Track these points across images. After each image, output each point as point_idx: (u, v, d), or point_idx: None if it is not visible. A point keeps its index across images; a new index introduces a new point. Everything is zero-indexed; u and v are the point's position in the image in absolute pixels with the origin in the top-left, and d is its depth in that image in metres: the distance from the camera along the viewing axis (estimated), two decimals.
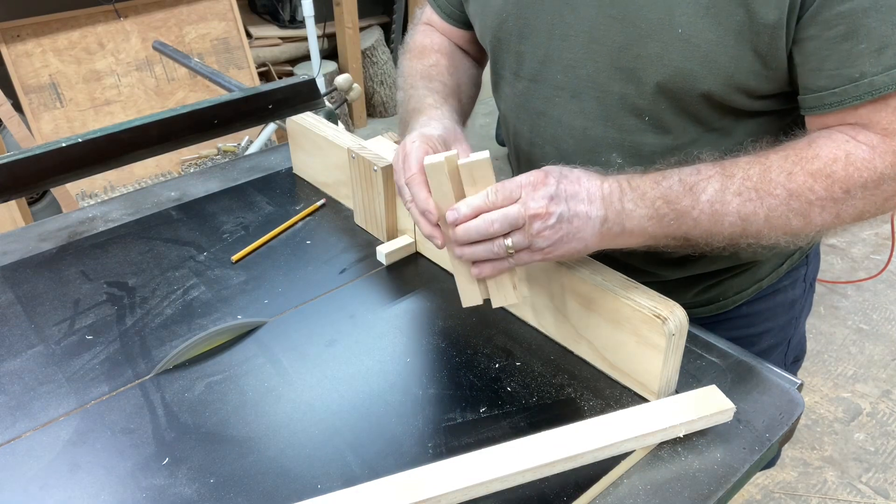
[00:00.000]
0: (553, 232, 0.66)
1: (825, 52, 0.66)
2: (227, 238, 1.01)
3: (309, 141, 1.10)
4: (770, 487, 1.87)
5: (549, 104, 0.83)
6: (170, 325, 0.85)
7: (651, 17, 0.70)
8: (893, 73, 0.64)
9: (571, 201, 0.66)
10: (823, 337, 2.36)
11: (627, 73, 0.75)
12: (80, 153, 1.00)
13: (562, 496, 0.63)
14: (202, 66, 1.91)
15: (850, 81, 0.66)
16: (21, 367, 0.79)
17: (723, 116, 0.76)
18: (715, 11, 0.67)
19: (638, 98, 0.76)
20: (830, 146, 0.68)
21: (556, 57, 0.80)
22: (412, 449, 0.68)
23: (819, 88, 0.68)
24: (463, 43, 1.01)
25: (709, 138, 0.78)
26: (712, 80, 0.71)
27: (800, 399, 0.74)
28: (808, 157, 0.68)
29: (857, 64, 0.65)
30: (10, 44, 2.56)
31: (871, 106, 0.66)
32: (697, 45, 0.69)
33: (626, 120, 0.78)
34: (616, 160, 0.81)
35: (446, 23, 0.99)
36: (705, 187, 0.68)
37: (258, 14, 3.52)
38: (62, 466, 0.67)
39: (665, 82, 0.73)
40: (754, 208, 0.67)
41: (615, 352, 0.74)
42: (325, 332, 0.83)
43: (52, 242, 1.01)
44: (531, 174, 0.67)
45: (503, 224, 0.65)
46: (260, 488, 0.65)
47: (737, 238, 0.70)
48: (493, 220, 0.65)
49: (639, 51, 0.73)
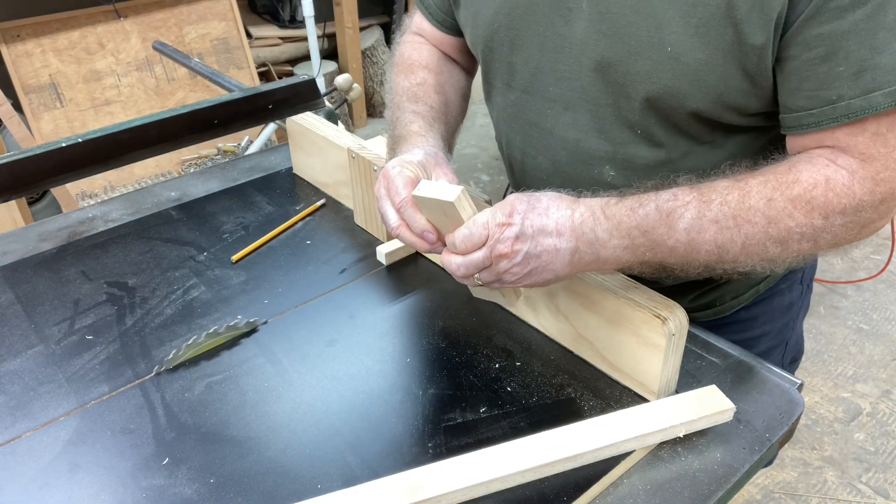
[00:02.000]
0: (521, 268, 0.68)
1: (804, 72, 0.65)
2: (227, 238, 1.01)
3: (309, 141, 1.10)
4: (770, 487, 1.87)
5: (542, 116, 0.83)
6: (170, 325, 0.85)
7: (640, 34, 0.70)
8: (871, 98, 0.63)
9: (539, 236, 0.67)
10: (823, 337, 2.36)
11: (618, 89, 0.75)
12: (80, 153, 1.00)
13: (562, 496, 0.63)
14: (202, 66, 1.91)
15: (828, 103, 0.65)
16: (21, 367, 0.79)
17: (713, 131, 0.75)
18: (704, 31, 0.67)
19: (629, 113, 0.76)
20: (811, 171, 0.67)
21: (548, 69, 0.80)
22: (412, 449, 0.68)
23: (797, 109, 0.67)
24: (454, 51, 0.99)
25: (700, 151, 0.77)
26: (701, 99, 0.70)
27: (800, 399, 0.74)
28: (788, 182, 0.66)
29: (834, 86, 0.64)
30: (10, 44, 2.56)
31: (849, 129, 0.65)
32: (686, 64, 0.69)
33: (619, 133, 0.78)
34: (609, 173, 0.80)
35: (438, 30, 0.97)
36: (682, 214, 0.67)
37: (258, 14, 3.52)
38: (62, 466, 0.67)
39: (654, 99, 0.72)
40: (731, 236, 0.66)
41: (615, 352, 0.74)
42: (325, 332, 0.83)
43: (52, 242, 1.01)
44: (497, 211, 0.68)
45: (469, 269, 0.69)
46: (260, 488, 0.65)
47: (713, 264, 0.69)
48: (459, 264, 0.69)
49: (628, 67, 0.72)
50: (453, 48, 0.99)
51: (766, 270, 0.69)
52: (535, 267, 0.68)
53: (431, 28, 0.98)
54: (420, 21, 1.00)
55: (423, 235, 0.72)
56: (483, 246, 0.68)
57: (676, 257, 0.68)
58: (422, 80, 0.93)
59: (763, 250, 0.67)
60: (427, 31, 0.99)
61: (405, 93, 0.92)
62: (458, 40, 0.98)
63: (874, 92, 0.63)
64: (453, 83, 0.97)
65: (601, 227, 0.67)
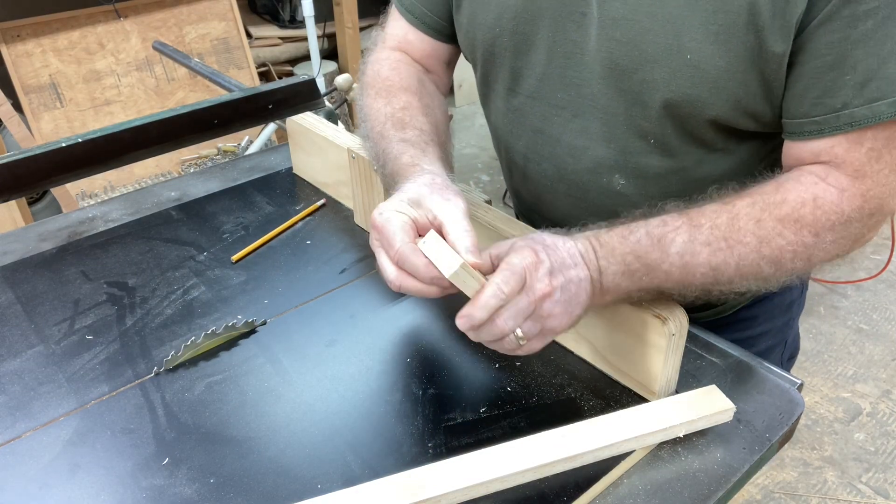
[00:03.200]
0: (562, 308, 0.63)
1: (811, 79, 0.65)
2: (227, 238, 1.01)
3: (309, 141, 1.10)
4: (770, 487, 1.87)
5: (548, 122, 0.81)
6: (170, 325, 0.85)
7: (658, 42, 0.69)
8: (874, 107, 0.63)
9: (564, 269, 0.64)
10: (823, 337, 2.36)
11: (633, 97, 0.73)
12: (80, 153, 1.00)
13: (562, 496, 0.63)
14: (202, 66, 1.91)
15: (832, 111, 0.65)
16: (21, 367, 0.79)
17: (727, 138, 0.75)
18: (725, 38, 0.66)
19: (643, 121, 0.74)
20: (798, 189, 0.67)
21: (556, 75, 0.78)
22: (412, 449, 0.68)
23: (801, 115, 0.67)
24: (438, 63, 0.94)
25: (712, 158, 0.77)
26: (720, 106, 0.70)
27: (800, 399, 0.74)
28: (775, 203, 0.66)
29: (840, 94, 0.64)
30: (10, 44, 2.55)
31: (847, 143, 0.65)
32: (706, 72, 0.68)
33: (631, 142, 0.77)
34: (619, 181, 0.79)
35: (430, 38, 0.91)
36: (673, 238, 0.66)
37: (258, 14, 3.52)
38: (62, 466, 0.67)
39: (672, 107, 0.71)
40: (725, 258, 0.66)
41: (615, 352, 0.74)
42: (325, 332, 0.83)
43: (52, 242, 1.01)
44: (524, 255, 0.62)
45: (517, 320, 0.62)
46: (260, 488, 0.65)
47: (709, 287, 0.68)
48: (507, 318, 0.61)
49: (644, 76, 0.71)
50: (439, 59, 0.94)
51: (762, 290, 0.69)
52: (567, 300, 0.64)
53: (420, 37, 0.92)
54: (404, 32, 0.93)
55: (436, 282, 0.63)
56: (522, 291, 0.61)
57: (672, 282, 0.67)
58: (406, 103, 0.84)
59: (757, 270, 0.67)
60: (413, 43, 0.93)
61: (389, 119, 0.82)
62: (448, 48, 0.93)
63: (878, 101, 0.63)
64: (438, 104, 0.90)
65: (600, 254, 0.66)
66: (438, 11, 0.89)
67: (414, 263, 0.62)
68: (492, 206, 0.87)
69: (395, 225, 0.63)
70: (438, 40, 0.92)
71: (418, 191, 0.68)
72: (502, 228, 0.81)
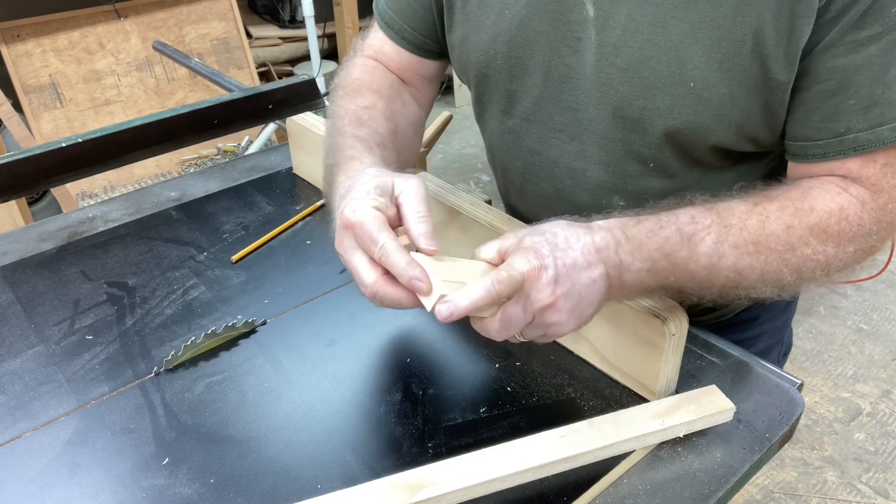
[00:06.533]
0: (567, 315, 0.61)
1: (814, 103, 0.65)
2: (227, 238, 1.01)
3: (309, 141, 1.10)
4: (770, 487, 1.87)
5: (545, 145, 0.80)
6: (170, 325, 0.85)
7: (660, 69, 0.68)
8: (878, 132, 0.63)
9: (573, 273, 0.60)
10: (823, 337, 2.36)
11: (632, 123, 0.72)
12: (80, 153, 1.00)
13: (562, 496, 0.63)
14: (202, 66, 1.91)
15: (836, 136, 0.65)
16: (21, 367, 0.79)
17: (725, 158, 0.75)
18: (729, 66, 0.66)
19: (643, 147, 0.74)
20: (826, 199, 0.66)
21: (553, 98, 0.77)
22: (412, 449, 0.68)
23: (804, 138, 0.67)
24: (416, 77, 0.91)
25: (711, 177, 0.77)
26: (723, 133, 0.69)
27: (800, 399, 0.74)
28: (805, 210, 0.66)
29: (843, 119, 0.64)
30: (10, 44, 2.56)
31: (860, 161, 0.65)
32: (709, 100, 0.67)
33: (630, 166, 0.76)
34: (618, 203, 0.79)
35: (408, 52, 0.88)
36: (703, 238, 0.64)
37: (258, 14, 3.52)
38: (62, 466, 0.67)
39: (673, 134, 0.71)
40: (751, 262, 0.65)
41: (615, 352, 0.74)
42: (325, 332, 0.83)
43: (52, 242, 1.01)
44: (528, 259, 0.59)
45: (510, 330, 0.60)
46: (260, 488, 0.65)
47: (729, 290, 0.67)
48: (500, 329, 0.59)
49: (645, 102, 0.70)
50: (417, 73, 0.91)
51: (777, 298, 0.68)
52: (575, 304, 0.61)
53: (397, 50, 0.89)
54: (381, 44, 0.90)
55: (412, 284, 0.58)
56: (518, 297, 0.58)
57: (696, 282, 0.66)
58: (370, 103, 0.82)
59: (779, 277, 0.66)
60: (389, 55, 0.90)
61: (349, 115, 0.80)
62: (428, 64, 0.90)
63: (881, 126, 0.63)
64: (406, 113, 0.87)
65: (623, 249, 0.63)
66: (420, 28, 0.87)
67: (398, 260, 0.59)
68: (492, 206, 0.87)
69: (375, 222, 0.60)
70: (417, 55, 0.89)
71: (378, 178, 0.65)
72: (502, 228, 0.81)
